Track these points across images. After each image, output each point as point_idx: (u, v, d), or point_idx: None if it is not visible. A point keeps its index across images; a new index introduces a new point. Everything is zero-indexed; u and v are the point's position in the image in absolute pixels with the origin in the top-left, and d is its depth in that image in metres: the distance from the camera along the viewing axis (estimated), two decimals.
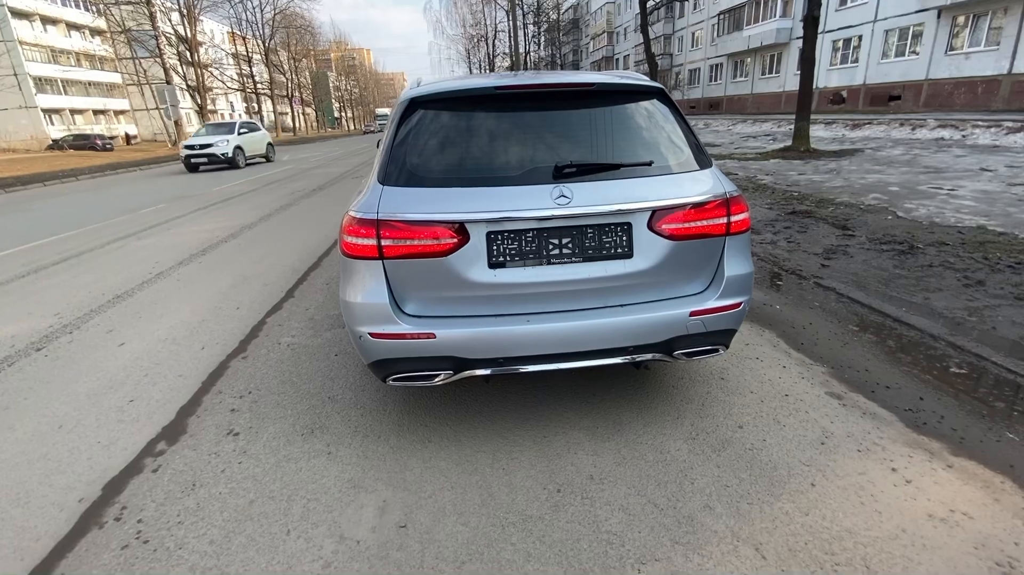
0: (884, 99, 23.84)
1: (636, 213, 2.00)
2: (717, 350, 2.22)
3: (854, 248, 4.67)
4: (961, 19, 20.36)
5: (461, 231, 1.93)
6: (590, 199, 1.94)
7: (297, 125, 63.41)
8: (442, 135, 2.07)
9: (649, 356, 2.12)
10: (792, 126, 12.02)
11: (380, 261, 1.96)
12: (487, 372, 2.05)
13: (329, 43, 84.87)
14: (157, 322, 3.88)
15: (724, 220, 2.08)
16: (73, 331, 3.81)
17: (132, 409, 2.69)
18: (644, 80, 2.24)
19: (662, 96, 2.24)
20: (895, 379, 2.64)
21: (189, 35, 35.61)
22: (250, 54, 48.83)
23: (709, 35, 37.96)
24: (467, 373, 2.06)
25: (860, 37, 24.96)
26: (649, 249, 2.03)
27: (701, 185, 2.08)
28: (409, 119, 2.10)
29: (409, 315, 2.02)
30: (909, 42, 22.64)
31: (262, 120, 53.66)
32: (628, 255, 2.03)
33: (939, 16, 21.01)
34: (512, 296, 2.03)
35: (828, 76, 26.70)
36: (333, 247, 5.96)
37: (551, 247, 1.99)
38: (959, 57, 20.53)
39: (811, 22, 9.59)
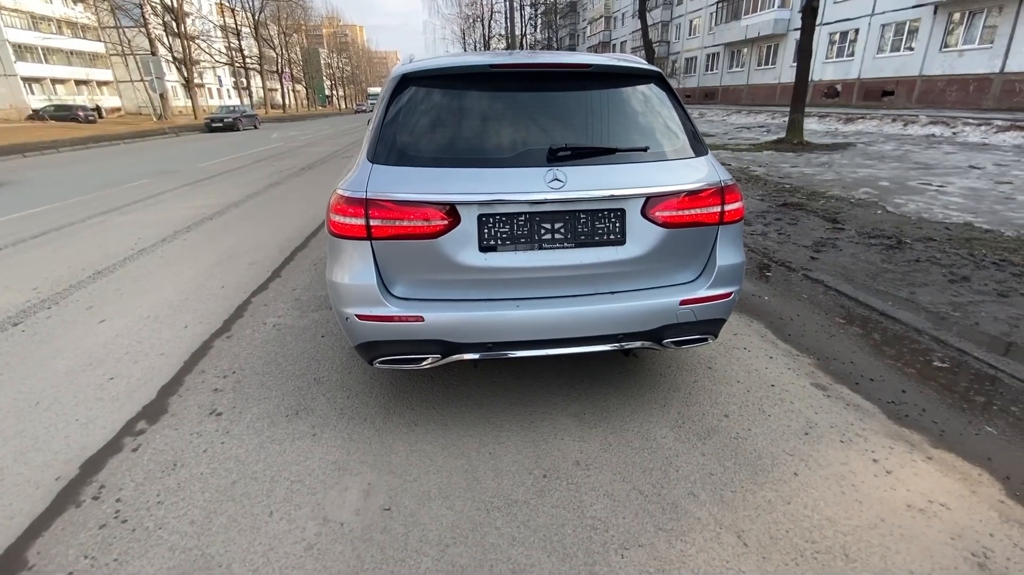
0: (878, 94, 23.91)
1: (630, 199, 1.97)
2: (706, 339, 2.22)
3: (843, 242, 4.70)
4: (957, 16, 20.37)
5: (452, 213, 1.89)
6: (584, 183, 1.91)
7: (287, 102, 62.14)
8: (434, 113, 2.02)
9: (638, 344, 2.12)
10: (786, 118, 12.02)
11: (368, 241, 1.92)
12: (475, 357, 2.03)
13: (321, 19, 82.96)
14: (139, 299, 3.79)
15: (718, 209, 2.06)
16: (52, 306, 3.72)
17: (112, 387, 2.63)
18: (642, 63, 2.20)
19: (660, 81, 2.20)
20: (879, 372, 2.67)
21: (176, 4, 34.51)
22: (239, 27, 47.59)
23: (707, 23, 37.65)
24: (455, 357, 2.03)
25: (857, 31, 24.90)
26: (642, 236, 2.01)
27: (696, 173, 2.06)
28: (401, 96, 2.04)
29: (397, 297, 1.99)
30: (905, 37, 22.63)
31: (251, 96, 52.52)
32: (621, 242, 2.01)
33: (935, 12, 21.00)
34: (502, 281, 2.00)
35: (823, 69, 26.67)
36: (321, 227, 5.87)
37: (543, 232, 1.96)
38: (953, 54, 20.59)
39: (810, 12, 9.53)
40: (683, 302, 2.05)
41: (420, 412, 2.36)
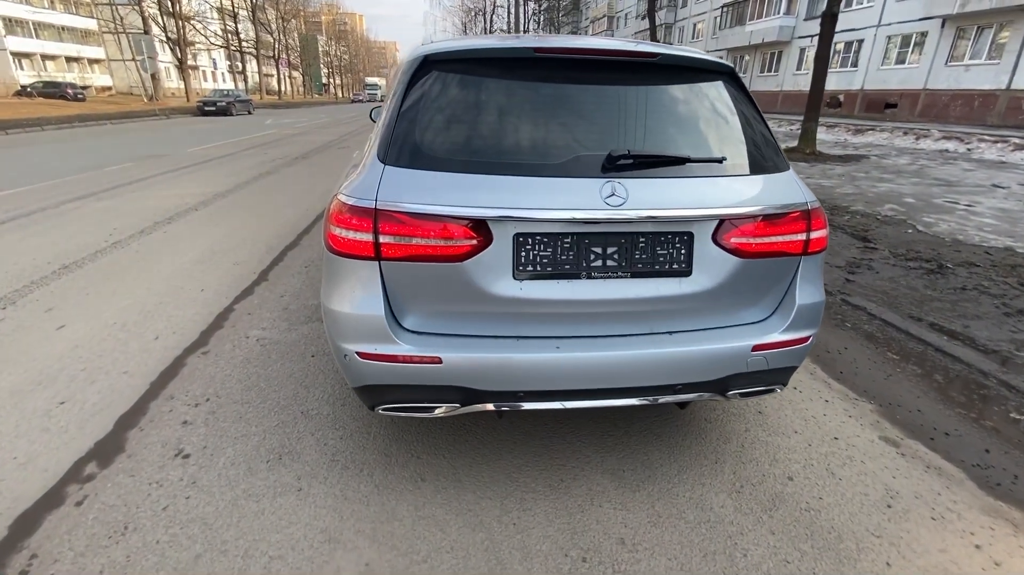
0: (880, 106, 23.77)
1: (701, 221, 1.60)
2: (774, 389, 1.87)
3: (878, 263, 4.38)
4: (966, 30, 20.23)
5: (482, 230, 1.51)
6: (647, 200, 1.54)
7: (283, 88, 61.06)
8: (463, 106, 1.63)
9: (697, 396, 1.76)
10: (791, 127, 11.73)
11: (376, 262, 1.54)
12: (503, 407, 1.66)
13: (321, 5, 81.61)
14: (107, 301, 3.37)
15: (803, 236, 1.70)
16: (6, 306, 3.28)
17: (61, 414, 2.22)
18: (713, 57, 1.82)
19: (733, 78, 1.83)
20: (953, 424, 2.34)
21: None
22: (236, 9, 46.50)
23: (711, 28, 37.39)
24: (477, 407, 1.66)
25: (861, 41, 24.74)
26: (711, 266, 1.65)
27: (779, 191, 1.69)
28: (421, 83, 1.65)
29: (409, 331, 1.61)
30: (911, 50, 22.48)
31: (246, 80, 51.51)
32: (686, 272, 1.64)
33: (943, 25, 20.85)
34: (540, 315, 1.63)
35: (827, 79, 26.50)
36: (315, 223, 5.45)
37: (592, 257, 1.58)
38: (959, 69, 20.45)
39: (829, 19, 9.20)
40: (756, 347, 1.69)
41: (428, 462, 1.98)
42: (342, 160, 10.22)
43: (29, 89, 34.47)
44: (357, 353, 1.57)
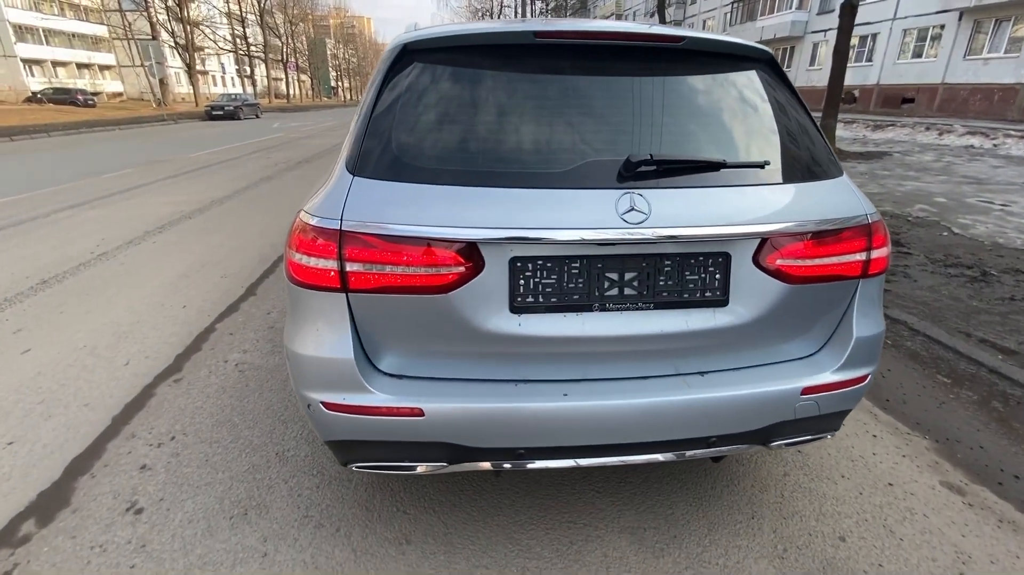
0: (897, 101, 23.17)
1: (740, 240, 1.31)
2: (824, 437, 1.57)
3: (915, 269, 4.03)
4: (983, 23, 19.62)
5: (472, 255, 1.23)
6: (674, 216, 1.25)
7: (291, 92, 61.31)
8: (449, 104, 1.35)
9: (734, 448, 1.46)
10: None
11: (343, 294, 1.26)
12: (500, 466, 1.38)
13: (328, 8, 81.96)
14: (80, 321, 3.13)
15: (862, 256, 1.40)
16: None
17: (7, 458, 1.98)
18: (748, 42, 1.53)
19: (772, 66, 1.54)
20: (1022, 464, 2.02)
21: None
22: (244, 14, 46.72)
23: (721, 24, 36.83)
24: (467, 466, 1.38)
25: (876, 35, 24.15)
26: (752, 294, 1.35)
27: (833, 202, 1.39)
28: (399, 77, 1.37)
29: (386, 374, 1.34)
30: (927, 43, 21.89)
31: (254, 84, 51.77)
32: (721, 302, 1.35)
33: (961, 18, 20.24)
34: (543, 356, 1.35)
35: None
36: None
37: (607, 285, 1.30)
38: (977, 62, 19.85)
39: (849, 10, 8.80)
40: (806, 390, 1.40)
41: (415, 519, 1.70)
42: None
43: (39, 95, 34.84)
44: (323, 403, 1.30)
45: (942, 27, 21.00)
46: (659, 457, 1.40)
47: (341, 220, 1.22)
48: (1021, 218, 5.42)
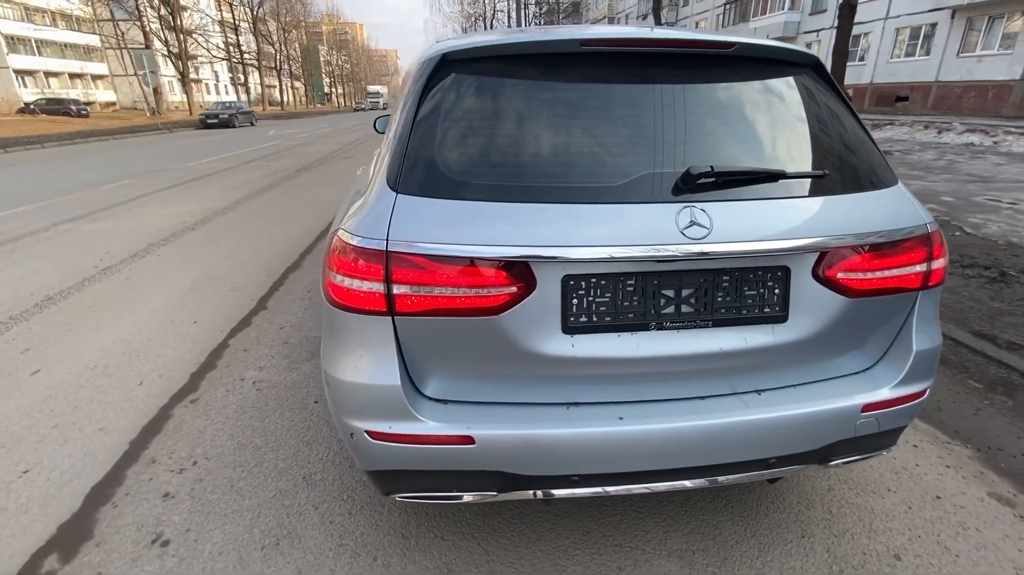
0: (891, 99, 23.30)
1: (800, 254, 1.26)
2: (881, 453, 1.52)
3: None
4: (976, 20, 19.76)
5: (523, 274, 1.18)
6: (736, 230, 1.19)
7: (285, 99, 61.21)
8: (494, 116, 1.29)
9: (792, 469, 1.41)
10: None
11: (389, 318, 1.20)
12: (553, 494, 1.32)
13: (321, 15, 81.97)
14: (89, 339, 3.06)
15: (923, 267, 1.35)
16: None
17: (23, 488, 1.90)
18: (792, 46, 1.48)
19: (819, 70, 1.49)
20: None
21: None
22: (237, 22, 46.66)
23: (713, 25, 37.00)
24: (518, 494, 1.32)
25: (869, 34, 24.30)
26: (811, 309, 1.30)
27: (892, 211, 1.34)
28: (438, 89, 1.32)
29: (431, 399, 1.27)
30: (920, 42, 22.03)
31: (248, 92, 51.64)
32: (781, 317, 1.29)
33: (953, 16, 20.38)
34: (597, 378, 1.29)
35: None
36: (318, 241, 5.14)
37: (663, 303, 1.24)
38: (971, 60, 19.98)
39: (848, 9, 8.85)
40: (867, 407, 1.34)
41: (454, 546, 1.64)
42: (347, 172, 9.95)
43: (32, 106, 34.60)
44: (367, 432, 1.24)
45: (934, 25, 21.14)
46: (720, 480, 1.35)
47: (387, 240, 1.16)
48: None
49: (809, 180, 1.32)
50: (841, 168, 1.37)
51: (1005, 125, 11.83)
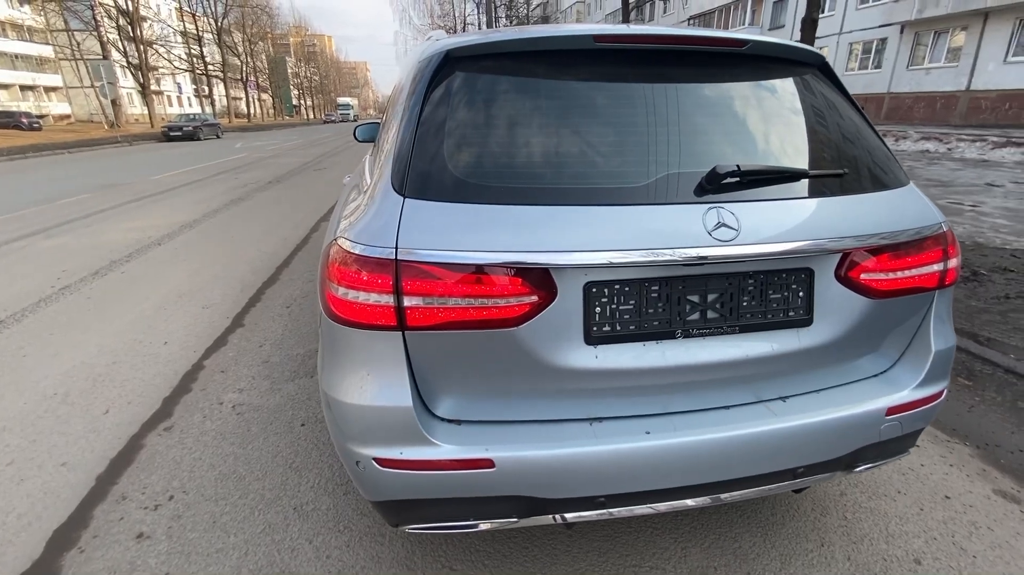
0: None
1: (824, 255, 1.22)
2: (901, 457, 1.49)
3: None
4: (923, 35, 20.90)
5: (543, 282, 1.10)
6: (763, 231, 1.15)
7: (252, 111, 59.98)
8: (506, 116, 1.22)
9: (818, 477, 1.36)
10: None
11: (399, 333, 1.10)
12: (577, 516, 1.23)
13: (288, 27, 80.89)
14: (46, 365, 2.82)
15: (939, 267, 1.33)
16: None
17: None
18: (803, 45, 1.46)
19: (825, 70, 1.48)
20: None
21: (131, 8, 32.59)
22: (200, 33, 45.54)
23: None
24: (539, 520, 1.23)
25: (824, 48, 25.40)
26: (835, 311, 1.26)
27: (909, 211, 1.33)
28: (443, 88, 1.24)
29: (444, 420, 1.18)
30: (872, 56, 23.18)
31: (213, 104, 50.38)
32: (805, 321, 1.25)
33: (902, 31, 21.52)
34: (622, 390, 1.22)
35: None
36: (295, 254, 4.95)
37: (688, 308, 1.18)
38: (920, 72, 21.09)
39: (810, 24, 9.14)
40: (891, 410, 1.31)
41: None
42: (321, 183, 9.73)
43: None
44: (376, 460, 1.13)
45: (884, 40, 22.27)
46: (744, 494, 1.29)
47: (396, 248, 1.07)
48: (993, 218, 5.65)
49: (829, 180, 1.29)
50: (857, 167, 1.35)
51: (957, 133, 12.48)
